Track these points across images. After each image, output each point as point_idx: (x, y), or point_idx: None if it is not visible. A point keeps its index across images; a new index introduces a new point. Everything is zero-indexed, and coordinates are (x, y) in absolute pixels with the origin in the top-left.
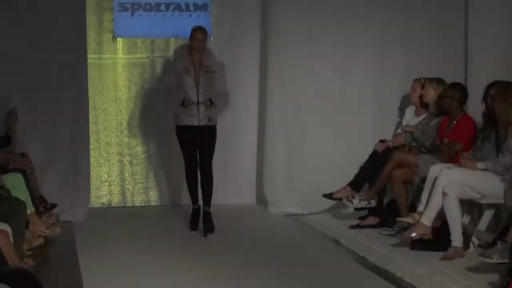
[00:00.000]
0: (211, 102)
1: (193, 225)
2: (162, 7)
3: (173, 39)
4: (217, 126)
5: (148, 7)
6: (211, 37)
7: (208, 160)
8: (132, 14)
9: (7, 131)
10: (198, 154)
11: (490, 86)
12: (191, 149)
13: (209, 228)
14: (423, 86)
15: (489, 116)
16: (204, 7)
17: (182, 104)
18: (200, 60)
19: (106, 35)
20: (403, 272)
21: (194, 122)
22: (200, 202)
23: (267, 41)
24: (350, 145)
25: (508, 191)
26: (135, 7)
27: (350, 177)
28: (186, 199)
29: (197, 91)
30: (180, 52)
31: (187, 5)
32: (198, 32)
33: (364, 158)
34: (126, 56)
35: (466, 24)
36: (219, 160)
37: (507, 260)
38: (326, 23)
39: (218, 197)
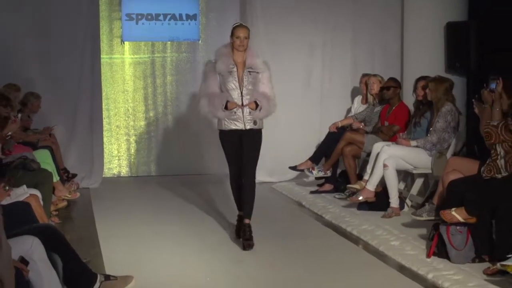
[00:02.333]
0: (256, 105)
1: (238, 233)
2: (161, 17)
3: (169, 42)
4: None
5: (149, 17)
6: (200, 41)
7: (252, 168)
8: (137, 23)
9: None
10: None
11: (418, 80)
12: (236, 155)
13: (247, 244)
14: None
15: (419, 104)
16: (194, 16)
17: (226, 108)
18: (243, 59)
19: (115, 39)
20: (352, 228)
21: (239, 126)
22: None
23: None
24: (310, 127)
25: (434, 163)
26: (139, 17)
27: (310, 153)
28: (179, 169)
29: (241, 92)
30: (222, 52)
31: (180, 15)
32: (239, 29)
33: (322, 137)
34: (132, 56)
35: (402, 30)
36: (207, 136)
37: (433, 218)
38: (291, 29)
39: (206, 168)
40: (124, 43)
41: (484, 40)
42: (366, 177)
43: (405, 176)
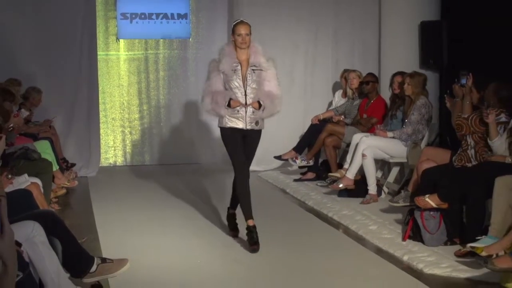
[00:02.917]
0: (260, 105)
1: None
2: (153, 16)
3: (161, 40)
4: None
5: (142, 16)
6: (190, 39)
7: (247, 168)
8: (131, 22)
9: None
10: None
11: (394, 75)
12: (242, 155)
13: (255, 249)
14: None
15: (395, 98)
16: (185, 16)
17: (229, 105)
18: (247, 57)
19: (111, 37)
20: (333, 213)
21: (240, 125)
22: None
23: None
24: (294, 119)
25: (409, 153)
26: (133, 16)
27: (294, 144)
28: (171, 159)
29: (245, 91)
30: (225, 50)
31: (172, 14)
32: (240, 26)
33: (305, 129)
34: (126, 53)
35: (379, 29)
36: (197, 128)
37: (408, 204)
38: (277, 28)
39: (196, 157)
40: (119, 41)
41: (455, 38)
42: (346, 166)
43: (382, 165)
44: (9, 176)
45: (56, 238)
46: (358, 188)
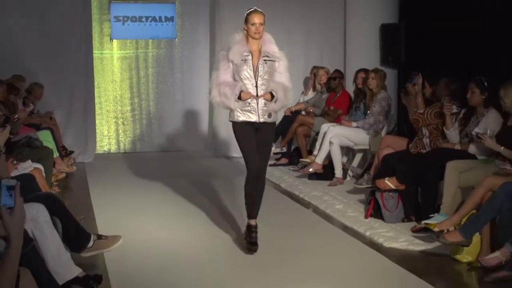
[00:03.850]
0: (272, 96)
1: (252, 245)
2: (143, 19)
3: (150, 40)
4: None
5: (134, 19)
6: (176, 39)
7: (265, 165)
8: (123, 24)
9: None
10: None
11: (358, 71)
12: (254, 149)
13: (252, 249)
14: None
15: (358, 92)
16: (171, 19)
17: (239, 98)
18: (258, 47)
19: (105, 38)
20: (304, 194)
21: (253, 118)
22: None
23: (214, 41)
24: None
25: (371, 141)
26: (125, 18)
27: None
28: (160, 146)
29: (256, 82)
30: (235, 39)
31: (160, 17)
32: (255, 15)
33: (278, 120)
34: (119, 52)
35: (345, 30)
36: (183, 119)
37: (370, 186)
38: (267, 15)
39: (182, 145)
40: (112, 41)
41: (411, 39)
42: (315, 152)
43: (347, 151)
44: (14, 162)
45: (57, 217)
46: (326, 172)
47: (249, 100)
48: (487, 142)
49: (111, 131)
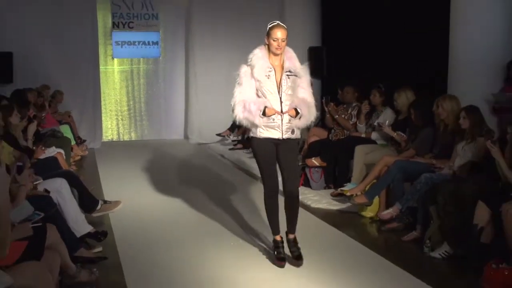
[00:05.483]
0: (297, 112)
1: (280, 261)
2: (136, 43)
3: (141, 58)
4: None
5: (129, 43)
6: (160, 57)
7: (296, 181)
8: (121, 46)
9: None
10: (280, 174)
11: None
12: (273, 167)
13: (299, 264)
14: None
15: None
16: (156, 43)
17: (263, 114)
18: (280, 63)
19: (108, 56)
20: (253, 169)
21: (275, 135)
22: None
23: (188, 60)
24: (229, 107)
25: (302, 131)
26: (123, 43)
27: (229, 125)
28: (149, 136)
29: (280, 98)
30: (257, 55)
31: (148, 42)
32: (277, 30)
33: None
34: (118, 67)
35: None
36: (166, 115)
37: (301, 163)
38: (219, 47)
39: (164, 135)
40: (114, 59)
41: (331, 57)
42: None
43: None
44: (43, 148)
45: (74, 188)
46: None
47: (273, 116)
48: (385, 130)
49: (113, 125)
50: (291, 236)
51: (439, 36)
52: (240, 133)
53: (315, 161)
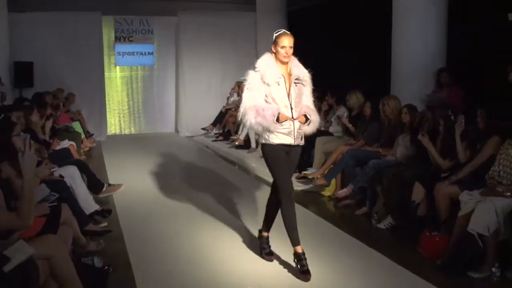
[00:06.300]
0: (306, 118)
1: (270, 256)
2: (135, 53)
3: (139, 66)
4: None
5: (129, 53)
6: (154, 65)
7: (292, 185)
8: (123, 56)
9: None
10: None
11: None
12: (287, 172)
13: (307, 278)
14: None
15: None
16: (152, 53)
17: (277, 120)
18: (287, 70)
19: (112, 64)
20: (232, 157)
21: (288, 141)
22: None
23: (178, 67)
24: (212, 107)
25: None
26: (124, 53)
27: (211, 121)
28: (146, 130)
29: (290, 105)
30: (267, 62)
31: (145, 52)
32: (285, 38)
33: (217, 113)
34: (120, 73)
35: (256, 52)
36: (160, 113)
37: None
38: (206, 58)
39: (159, 129)
40: (116, 67)
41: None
42: (239, 132)
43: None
44: (58, 141)
45: (84, 174)
46: (246, 144)
47: (285, 123)
48: (343, 120)
49: (116, 121)
50: (299, 250)
51: (384, 50)
52: (222, 127)
53: None
